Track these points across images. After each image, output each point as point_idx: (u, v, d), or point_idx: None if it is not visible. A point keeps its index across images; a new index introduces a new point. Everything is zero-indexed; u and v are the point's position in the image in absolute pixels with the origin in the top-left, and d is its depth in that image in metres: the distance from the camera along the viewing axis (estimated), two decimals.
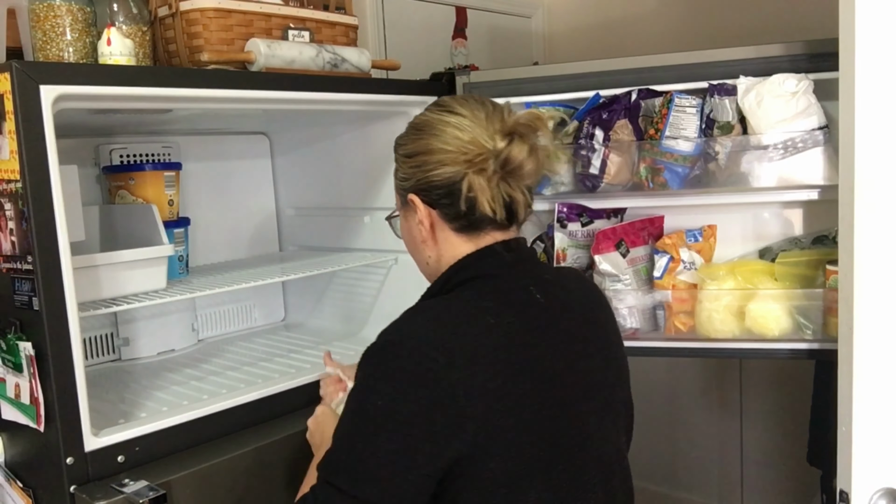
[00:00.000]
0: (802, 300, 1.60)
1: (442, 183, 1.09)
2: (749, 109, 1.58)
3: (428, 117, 1.13)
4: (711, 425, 2.79)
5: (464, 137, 1.08)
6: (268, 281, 1.64)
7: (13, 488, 1.32)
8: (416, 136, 1.13)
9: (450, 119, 1.10)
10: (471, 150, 1.07)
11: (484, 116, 1.09)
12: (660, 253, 1.72)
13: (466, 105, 1.12)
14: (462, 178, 1.07)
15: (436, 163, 1.09)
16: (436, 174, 1.09)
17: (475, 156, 1.07)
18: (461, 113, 1.10)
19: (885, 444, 1.09)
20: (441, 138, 1.09)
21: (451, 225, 1.12)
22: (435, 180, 1.09)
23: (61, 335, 1.16)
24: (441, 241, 1.14)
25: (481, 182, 1.07)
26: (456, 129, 1.08)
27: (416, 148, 1.12)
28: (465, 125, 1.08)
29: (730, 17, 2.50)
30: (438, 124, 1.10)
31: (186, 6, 1.44)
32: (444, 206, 1.10)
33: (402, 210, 1.19)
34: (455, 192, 1.08)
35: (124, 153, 1.77)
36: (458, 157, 1.07)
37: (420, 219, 1.13)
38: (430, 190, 1.10)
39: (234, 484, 1.32)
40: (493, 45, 2.78)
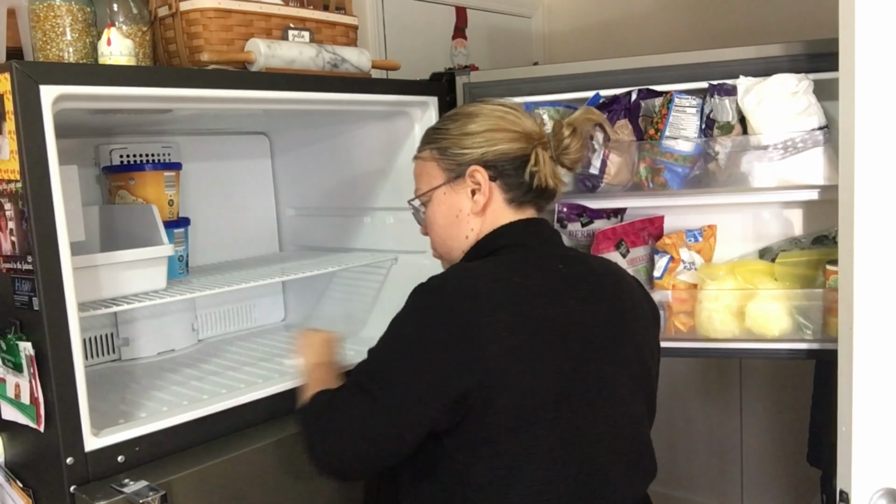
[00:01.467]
0: (802, 300, 1.60)
1: (510, 155, 1.25)
2: (749, 109, 1.58)
3: (480, 106, 1.30)
4: (711, 425, 2.79)
5: (525, 123, 1.28)
6: (268, 281, 1.64)
7: (13, 488, 1.32)
8: (473, 118, 1.28)
9: (505, 109, 1.29)
10: (535, 132, 1.27)
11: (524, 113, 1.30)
12: (660, 253, 1.72)
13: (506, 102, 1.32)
14: (530, 152, 1.26)
15: (504, 139, 1.26)
16: (504, 147, 1.25)
17: (540, 136, 1.27)
18: (511, 105, 1.31)
19: (885, 444, 1.09)
20: (506, 120, 1.27)
21: (505, 196, 1.27)
22: (504, 152, 1.25)
23: (61, 335, 1.15)
24: (490, 211, 1.28)
25: (546, 156, 1.27)
26: (514, 115, 1.28)
27: (480, 126, 1.27)
28: (518, 114, 1.29)
29: (730, 17, 2.50)
30: (497, 111, 1.28)
31: (186, 6, 1.44)
32: (508, 176, 1.26)
33: (446, 186, 1.29)
34: (520, 164, 1.25)
35: (124, 153, 1.77)
36: (523, 135, 1.26)
37: (481, 189, 1.26)
38: (497, 162, 1.26)
39: (235, 484, 1.32)
40: (493, 45, 2.78)
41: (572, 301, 1.20)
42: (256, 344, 1.89)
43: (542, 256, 1.24)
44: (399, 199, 1.85)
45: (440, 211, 1.31)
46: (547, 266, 1.22)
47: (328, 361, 1.38)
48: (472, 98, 1.81)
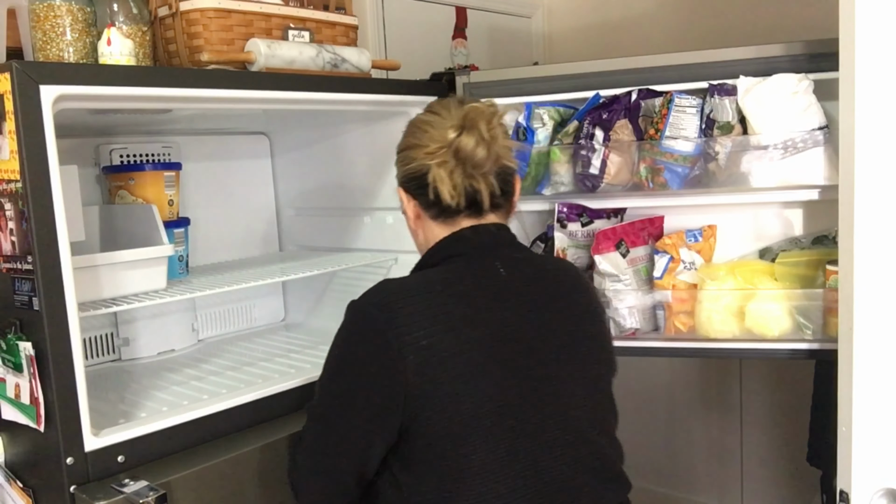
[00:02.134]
0: (802, 300, 1.60)
1: (415, 175, 1.22)
2: (749, 109, 1.58)
3: (415, 117, 1.27)
4: (711, 425, 2.79)
5: (432, 134, 1.20)
6: (268, 281, 1.64)
7: (13, 488, 1.32)
8: (405, 133, 1.27)
9: (426, 117, 1.24)
10: (432, 144, 1.19)
11: (450, 111, 1.22)
12: (660, 253, 1.72)
13: (445, 104, 1.25)
14: (428, 170, 1.20)
15: (411, 158, 1.23)
16: (410, 168, 1.23)
17: (436, 149, 1.19)
18: (436, 111, 1.23)
19: (885, 444, 1.09)
20: (416, 135, 1.23)
21: (427, 213, 1.25)
22: (409, 173, 1.24)
23: (61, 335, 1.15)
24: (424, 227, 1.27)
25: (441, 173, 1.19)
26: (429, 125, 1.21)
27: (401, 145, 1.26)
28: (435, 122, 1.21)
29: (730, 17, 2.50)
30: (419, 123, 1.24)
31: (186, 6, 1.44)
32: (420, 196, 1.24)
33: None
34: (425, 183, 1.20)
35: (124, 153, 1.77)
36: (423, 152, 1.20)
37: (405, 209, 1.28)
38: (409, 182, 1.25)
39: (235, 484, 1.32)
40: (493, 45, 2.78)
41: (510, 305, 1.16)
42: (256, 344, 1.89)
43: (478, 264, 1.20)
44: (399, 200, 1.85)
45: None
46: (483, 272, 1.19)
47: None
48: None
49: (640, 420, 2.85)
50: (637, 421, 2.83)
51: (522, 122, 1.79)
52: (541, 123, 1.78)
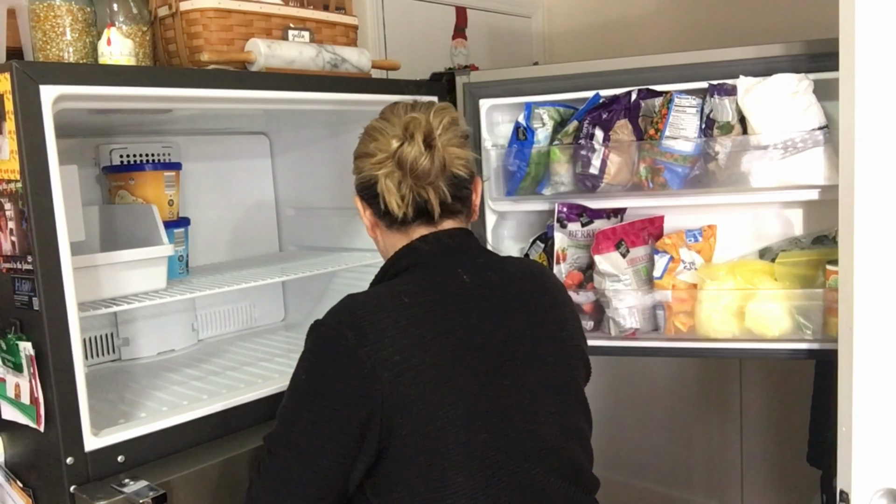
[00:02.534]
0: (802, 300, 1.60)
1: (366, 185, 1.19)
2: (749, 109, 1.58)
3: (368, 124, 1.22)
4: (711, 425, 2.79)
5: (380, 143, 1.16)
6: (268, 281, 1.65)
7: (13, 488, 1.32)
8: (359, 141, 1.22)
9: (376, 124, 1.19)
10: (379, 154, 1.16)
11: (399, 117, 1.17)
12: (660, 253, 1.72)
13: (395, 110, 1.20)
14: (376, 180, 1.16)
15: (361, 167, 1.19)
16: (362, 177, 1.20)
17: (382, 159, 1.15)
18: (386, 117, 1.19)
19: (885, 444, 1.09)
20: (366, 143, 1.19)
21: (382, 222, 1.22)
22: (360, 182, 1.21)
23: (61, 335, 1.16)
24: (381, 236, 1.24)
25: (389, 184, 1.15)
26: (378, 133, 1.17)
27: (356, 152, 1.22)
28: (383, 129, 1.17)
29: (730, 17, 2.50)
30: (369, 130, 1.20)
31: (186, 6, 1.44)
32: (373, 205, 1.20)
33: None
34: (375, 193, 1.17)
35: (124, 153, 1.77)
36: (371, 160, 1.17)
37: (361, 217, 1.25)
38: (363, 191, 1.21)
39: (235, 484, 1.32)
40: (493, 45, 2.78)
41: (475, 312, 1.13)
42: (256, 344, 1.89)
43: (440, 273, 1.16)
44: None
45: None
46: (446, 280, 1.15)
47: None
48: (471, 98, 1.81)
49: (640, 420, 2.84)
50: (637, 421, 2.83)
51: (522, 122, 1.79)
52: (541, 123, 1.78)
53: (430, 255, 1.17)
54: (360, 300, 1.12)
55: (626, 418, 2.85)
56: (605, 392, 2.82)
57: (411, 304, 1.09)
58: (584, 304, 1.77)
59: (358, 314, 1.08)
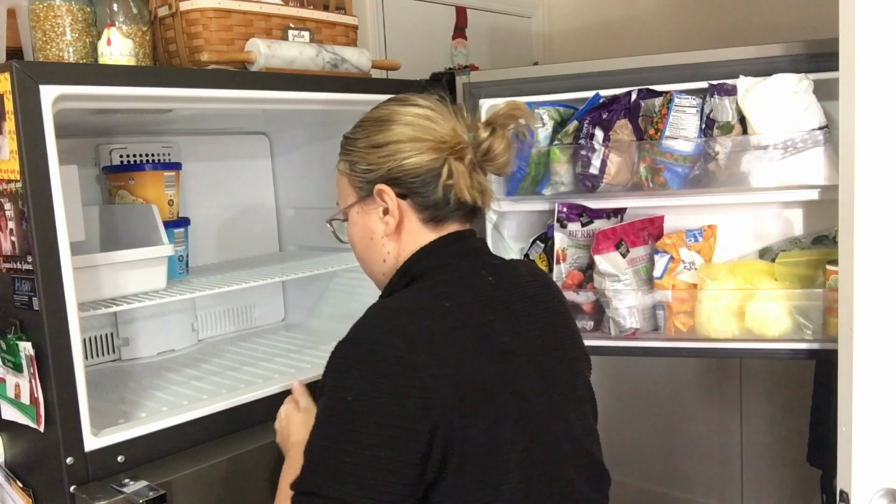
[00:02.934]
0: (802, 300, 1.60)
1: (420, 170, 1.11)
2: (749, 109, 1.58)
3: (392, 109, 1.15)
4: (711, 425, 2.79)
5: (439, 128, 1.12)
6: (268, 281, 1.64)
7: (13, 488, 1.32)
8: (381, 126, 1.14)
9: (418, 111, 1.13)
10: (450, 138, 1.11)
11: (449, 111, 1.15)
12: (660, 253, 1.72)
13: (429, 99, 1.16)
14: (442, 164, 1.11)
15: (413, 151, 1.11)
16: (413, 161, 1.11)
17: (455, 144, 1.11)
18: (428, 105, 1.14)
19: (885, 444, 1.09)
20: (415, 127, 1.12)
21: (419, 215, 1.14)
22: (412, 167, 1.11)
23: (61, 335, 1.16)
24: (405, 232, 1.15)
25: (461, 168, 1.11)
26: (428, 120, 1.12)
27: (386, 137, 1.13)
28: (435, 117, 1.13)
29: (730, 17, 2.50)
30: (407, 115, 1.13)
31: (186, 6, 1.44)
32: (419, 194, 1.12)
33: (358, 206, 1.18)
34: (432, 179, 1.11)
35: (124, 153, 1.77)
36: (436, 144, 1.11)
37: (390, 210, 1.14)
38: (405, 178, 1.12)
39: (235, 484, 1.32)
40: (493, 45, 2.78)
41: (508, 315, 1.10)
42: (256, 344, 1.89)
43: (466, 274, 1.12)
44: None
45: (355, 232, 1.20)
46: (474, 282, 1.11)
47: None
48: (471, 98, 1.81)
49: (640, 420, 2.84)
50: (637, 421, 2.83)
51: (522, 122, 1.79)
52: (541, 123, 1.78)
53: (455, 256, 1.14)
54: (397, 307, 1.06)
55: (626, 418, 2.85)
56: (604, 392, 2.81)
57: (452, 309, 1.05)
58: (584, 304, 1.77)
59: (402, 321, 1.01)
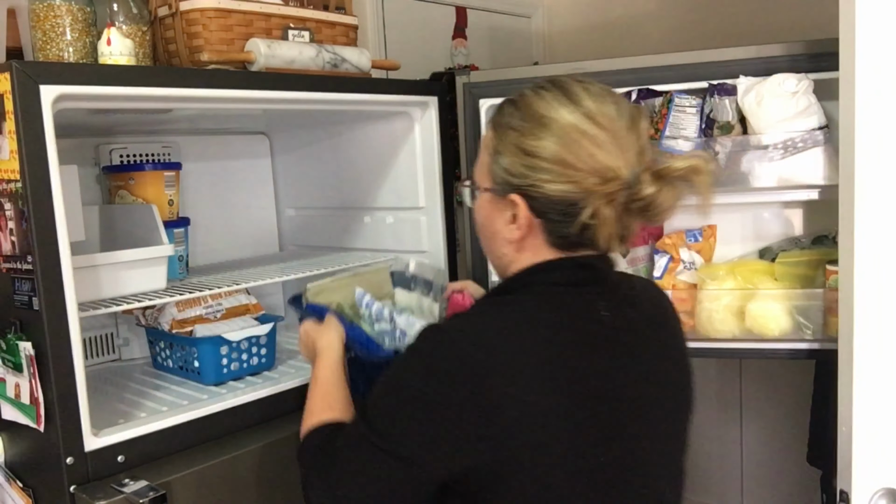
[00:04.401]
0: (802, 300, 1.60)
1: (560, 200, 0.97)
2: (749, 109, 1.58)
3: (557, 113, 0.98)
4: (711, 425, 2.79)
5: (601, 159, 0.96)
6: (268, 281, 1.64)
7: (13, 488, 1.32)
8: (534, 126, 0.99)
9: (585, 127, 0.96)
10: (607, 176, 0.96)
11: (626, 131, 0.98)
12: (660, 253, 1.72)
13: (604, 106, 0.98)
14: (587, 202, 0.97)
15: (561, 177, 0.96)
16: (557, 189, 0.97)
17: (610, 184, 0.96)
18: (601, 123, 0.97)
19: (885, 444, 1.09)
20: (573, 150, 0.96)
21: (548, 238, 1.02)
22: (553, 195, 0.97)
23: (61, 335, 1.15)
24: (528, 247, 1.04)
25: (608, 213, 0.97)
26: (592, 143, 0.96)
27: (535, 147, 0.98)
28: (604, 141, 0.96)
29: (730, 17, 2.50)
30: (573, 132, 0.96)
31: (186, 6, 1.44)
32: (553, 221, 1.00)
33: (490, 195, 1.05)
34: (572, 213, 0.97)
35: (124, 153, 1.77)
36: (588, 178, 0.96)
37: (518, 223, 1.02)
38: (543, 201, 0.99)
39: (235, 484, 1.32)
40: (493, 45, 2.78)
41: (609, 357, 1.00)
42: None
43: (579, 304, 1.01)
44: (399, 200, 1.85)
45: (480, 216, 1.09)
46: (586, 314, 1.01)
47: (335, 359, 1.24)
48: (471, 98, 1.81)
49: None
50: None
51: None
52: None
53: (570, 278, 1.02)
54: (500, 317, 0.98)
55: None
56: None
57: (551, 340, 0.97)
58: None
59: (494, 336, 0.95)
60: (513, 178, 1.00)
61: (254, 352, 1.57)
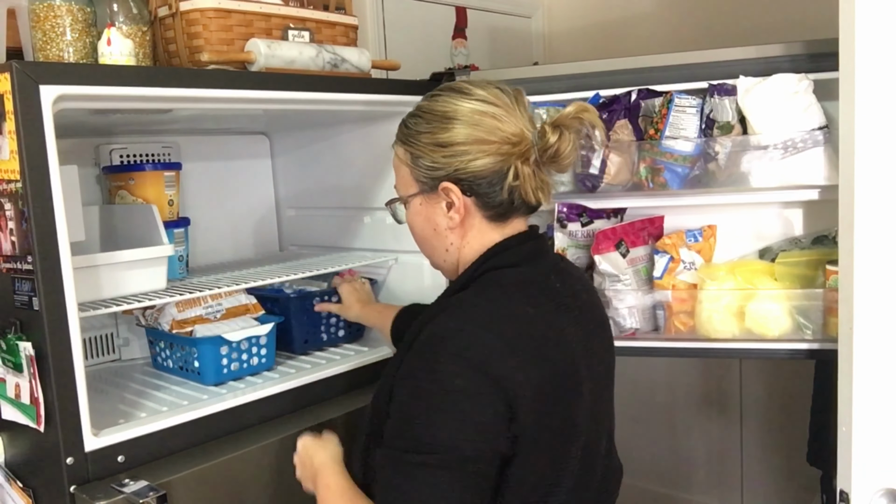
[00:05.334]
0: (802, 300, 1.60)
1: (486, 172, 1.10)
2: (749, 109, 1.58)
3: (457, 105, 1.11)
4: (711, 425, 2.79)
5: (505, 128, 1.09)
6: (268, 281, 1.64)
7: (13, 488, 1.32)
8: (445, 124, 1.11)
9: (484, 108, 1.10)
10: (517, 139, 1.10)
11: (512, 104, 1.12)
12: (660, 253, 1.72)
13: (491, 92, 1.12)
14: (508, 167, 1.10)
15: (480, 152, 1.09)
16: (479, 164, 1.10)
17: (521, 145, 1.10)
18: (492, 101, 1.11)
19: (885, 444, 1.09)
20: (481, 128, 1.09)
21: (484, 213, 1.14)
22: (477, 170, 1.10)
23: (61, 335, 1.15)
24: (469, 228, 1.15)
25: (527, 171, 1.11)
26: (494, 119, 1.10)
27: (451, 137, 1.10)
28: (500, 114, 1.10)
29: (730, 17, 2.50)
30: (473, 114, 1.10)
31: (186, 6, 1.44)
32: (484, 194, 1.12)
33: (420, 197, 1.16)
34: (498, 180, 1.10)
35: (124, 153, 1.77)
36: (502, 147, 1.09)
37: (456, 207, 1.13)
38: (471, 179, 1.11)
39: (234, 484, 1.32)
40: (493, 45, 2.78)
41: (575, 323, 1.12)
42: None
43: (537, 278, 1.13)
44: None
45: (417, 222, 1.19)
46: (545, 288, 1.12)
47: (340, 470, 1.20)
48: None
49: (640, 420, 2.84)
50: (637, 421, 2.83)
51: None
52: None
53: (527, 258, 1.14)
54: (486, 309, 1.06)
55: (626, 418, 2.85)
56: None
57: (535, 315, 1.07)
58: None
59: (499, 322, 1.03)
60: (438, 171, 1.12)
61: (254, 352, 1.57)
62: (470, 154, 1.10)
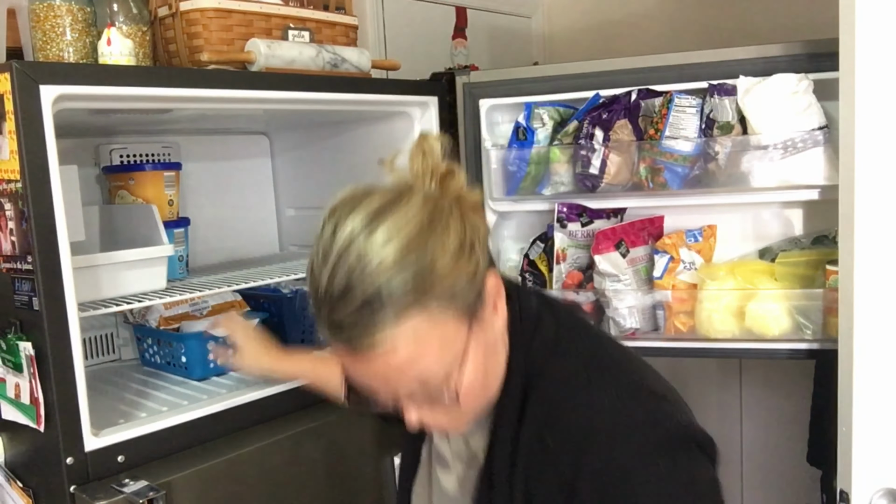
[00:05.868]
0: (802, 300, 1.60)
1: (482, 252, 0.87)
2: (749, 109, 1.58)
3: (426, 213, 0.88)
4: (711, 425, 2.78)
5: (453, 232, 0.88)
6: (268, 281, 1.64)
7: (13, 488, 1.32)
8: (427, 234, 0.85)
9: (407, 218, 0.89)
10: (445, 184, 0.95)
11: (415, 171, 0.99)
12: (660, 253, 1.72)
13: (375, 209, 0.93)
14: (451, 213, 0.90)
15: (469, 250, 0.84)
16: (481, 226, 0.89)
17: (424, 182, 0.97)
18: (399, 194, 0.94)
19: (885, 444, 1.09)
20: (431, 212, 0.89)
21: None
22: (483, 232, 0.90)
23: (61, 335, 1.16)
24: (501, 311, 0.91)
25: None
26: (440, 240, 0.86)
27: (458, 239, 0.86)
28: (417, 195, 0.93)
29: (730, 17, 2.50)
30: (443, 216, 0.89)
31: (186, 6, 1.44)
32: None
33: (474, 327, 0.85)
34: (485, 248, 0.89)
35: (124, 153, 1.77)
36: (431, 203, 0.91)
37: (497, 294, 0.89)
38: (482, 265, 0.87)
39: (234, 484, 1.32)
40: (493, 45, 2.78)
41: None
42: None
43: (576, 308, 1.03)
44: None
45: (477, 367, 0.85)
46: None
47: None
48: (471, 98, 1.81)
49: None
50: None
51: (522, 122, 1.79)
52: (541, 123, 1.78)
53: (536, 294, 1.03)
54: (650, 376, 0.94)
55: None
56: None
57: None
58: (584, 304, 1.77)
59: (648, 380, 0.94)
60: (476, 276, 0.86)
61: None
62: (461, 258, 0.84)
